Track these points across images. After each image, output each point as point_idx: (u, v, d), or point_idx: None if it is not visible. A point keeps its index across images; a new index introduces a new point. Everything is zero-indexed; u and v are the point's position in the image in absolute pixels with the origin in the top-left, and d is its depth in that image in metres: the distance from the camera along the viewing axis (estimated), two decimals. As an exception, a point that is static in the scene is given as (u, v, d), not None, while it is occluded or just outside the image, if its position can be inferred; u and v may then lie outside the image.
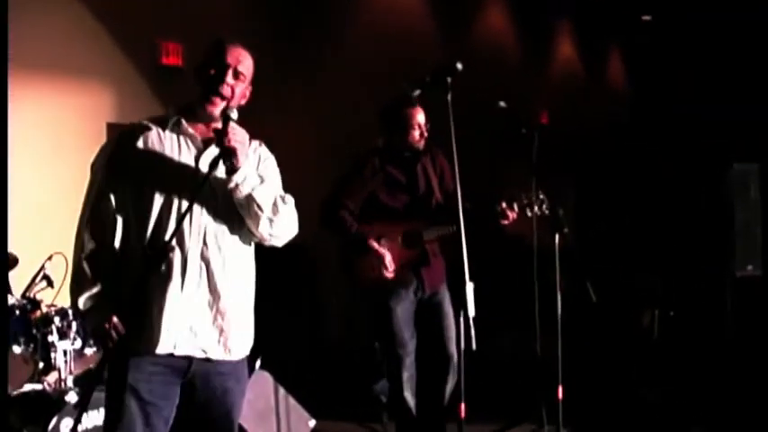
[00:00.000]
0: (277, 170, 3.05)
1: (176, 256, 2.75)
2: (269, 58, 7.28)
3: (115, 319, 2.70)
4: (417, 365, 4.78)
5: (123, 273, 2.77)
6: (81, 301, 2.77)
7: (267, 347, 6.09)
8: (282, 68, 7.49)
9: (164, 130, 2.90)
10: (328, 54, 7.82)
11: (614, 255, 8.79)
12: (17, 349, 4.24)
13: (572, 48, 11.27)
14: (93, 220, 2.82)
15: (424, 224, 4.66)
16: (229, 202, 2.82)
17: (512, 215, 4.59)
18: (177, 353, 2.77)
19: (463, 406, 3.55)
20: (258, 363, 4.78)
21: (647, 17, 10.80)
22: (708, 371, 5.54)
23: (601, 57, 11.88)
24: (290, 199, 2.94)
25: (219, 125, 2.80)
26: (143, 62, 6.49)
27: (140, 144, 2.85)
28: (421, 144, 4.74)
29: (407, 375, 4.68)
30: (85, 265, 2.80)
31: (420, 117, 4.71)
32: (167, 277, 2.74)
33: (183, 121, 2.90)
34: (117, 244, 2.82)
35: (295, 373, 6.01)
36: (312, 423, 4.89)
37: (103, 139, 6.19)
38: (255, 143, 3.01)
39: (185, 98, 6.72)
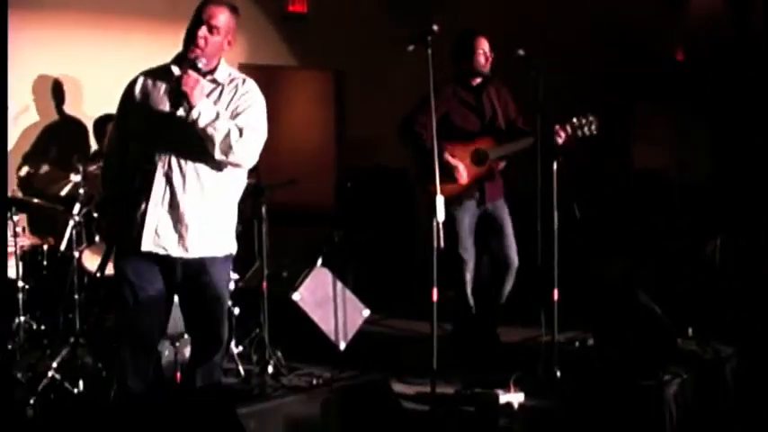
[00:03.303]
0: (256, 102, 3.75)
1: (148, 175, 3.63)
2: (394, 7, 8.11)
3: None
4: (478, 271, 5.61)
5: (122, 187, 3.73)
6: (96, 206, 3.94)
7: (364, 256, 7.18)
8: (405, 16, 8.25)
9: (157, 76, 3.77)
10: (446, 10, 8.42)
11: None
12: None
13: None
14: (108, 150, 3.94)
15: (491, 144, 5.44)
16: (193, 133, 3.60)
17: (564, 134, 5.28)
18: (144, 249, 3.68)
19: (435, 290, 4.39)
20: (319, 261, 5.80)
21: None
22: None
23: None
24: (250, 132, 3.67)
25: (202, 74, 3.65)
26: (271, 10, 7.56)
27: (137, 91, 3.76)
28: (486, 68, 5.50)
29: (469, 277, 5.51)
30: (102, 181, 3.94)
31: (485, 44, 5.48)
32: (140, 191, 3.65)
33: (174, 69, 3.72)
34: (120, 166, 3.77)
35: (382, 280, 7.06)
36: (366, 313, 5.88)
37: (237, 79, 7.38)
38: (238, 81, 3.77)
39: (308, 42, 7.72)
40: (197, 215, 3.72)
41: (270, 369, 5.18)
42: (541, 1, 8.93)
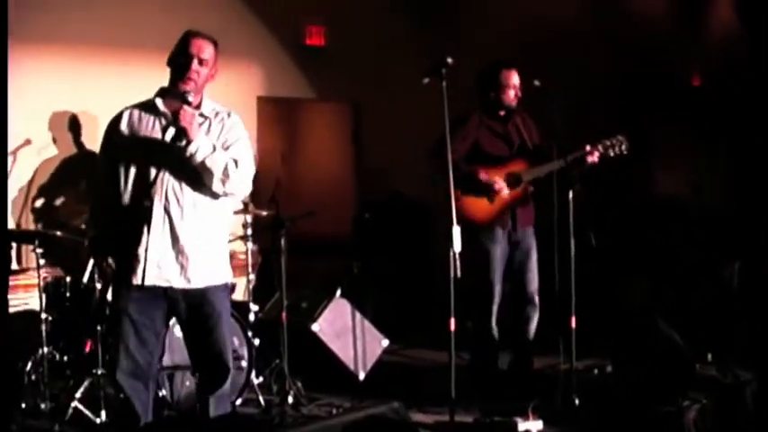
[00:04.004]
0: (243, 134, 3.89)
1: (146, 210, 3.70)
2: (410, 41, 8.21)
3: (110, 259, 3.76)
4: (503, 302, 5.56)
5: (116, 223, 3.77)
6: (87, 241, 3.92)
7: (382, 286, 7.22)
8: (422, 49, 8.35)
9: (143, 111, 3.84)
10: (465, 35, 8.49)
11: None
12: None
13: (731, 8, 11.17)
14: (96, 186, 3.93)
15: (524, 167, 5.41)
16: (189, 166, 3.70)
17: (597, 154, 5.30)
18: (147, 283, 3.74)
19: (453, 320, 4.42)
20: (338, 292, 5.84)
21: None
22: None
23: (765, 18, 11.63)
24: (244, 163, 3.78)
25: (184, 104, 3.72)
26: (289, 43, 7.67)
27: (123, 125, 3.83)
28: (514, 103, 5.47)
29: (496, 308, 5.47)
30: (92, 216, 3.93)
31: (515, 79, 5.44)
32: (139, 226, 3.71)
33: (158, 103, 3.81)
34: (110, 202, 3.80)
35: (400, 310, 7.10)
36: (385, 343, 5.91)
37: (254, 112, 7.51)
38: (223, 114, 3.89)
39: (326, 74, 7.81)
40: (196, 245, 3.80)
41: (290, 399, 5.20)
42: (557, 29, 8.99)
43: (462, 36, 8.32)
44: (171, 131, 3.70)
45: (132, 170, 3.76)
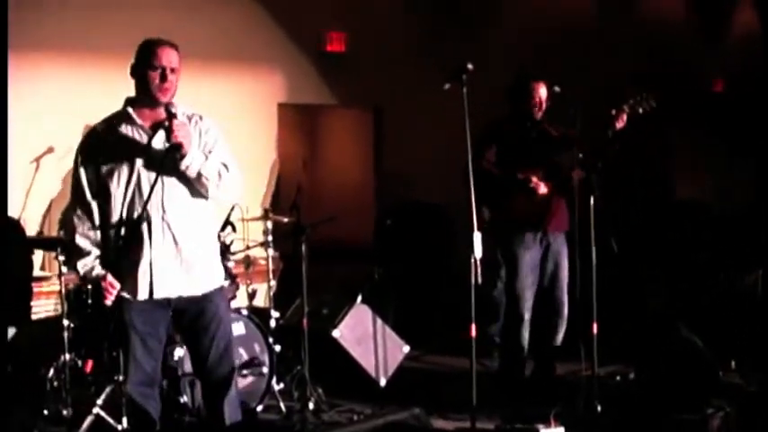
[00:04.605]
0: (220, 136, 3.88)
1: (144, 223, 3.68)
2: (430, 46, 8.20)
3: (109, 277, 3.68)
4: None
5: (108, 240, 3.74)
6: (79, 266, 3.78)
7: (404, 292, 7.21)
8: (442, 54, 8.35)
9: (118, 124, 3.78)
10: (484, 40, 8.42)
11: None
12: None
13: (754, 15, 11.14)
14: (79, 207, 3.78)
15: (557, 159, 5.37)
16: (180, 175, 3.70)
17: (624, 116, 5.24)
18: (156, 297, 3.74)
19: (474, 327, 4.40)
20: (359, 298, 5.84)
21: None
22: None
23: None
24: (232, 165, 3.80)
25: (164, 116, 3.68)
26: (309, 49, 7.65)
27: (101, 143, 3.77)
28: (539, 115, 5.46)
29: (528, 316, 5.45)
30: (79, 240, 3.77)
31: (542, 91, 5.43)
32: (139, 240, 3.69)
33: (132, 114, 3.77)
34: (99, 221, 3.75)
35: (422, 316, 7.08)
36: (406, 349, 5.90)
37: (275, 118, 7.51)
38: (196, 118, 3.84)
39: (347, 80, 7.78)
40: (194, 250, 3.82)
41: (311, 405, 5.21)
42: (578, 35, 8.97)
43: (482, 40, 8.32)
44: (158, 142, 3.70)
45: (124, 184, 3.72)
